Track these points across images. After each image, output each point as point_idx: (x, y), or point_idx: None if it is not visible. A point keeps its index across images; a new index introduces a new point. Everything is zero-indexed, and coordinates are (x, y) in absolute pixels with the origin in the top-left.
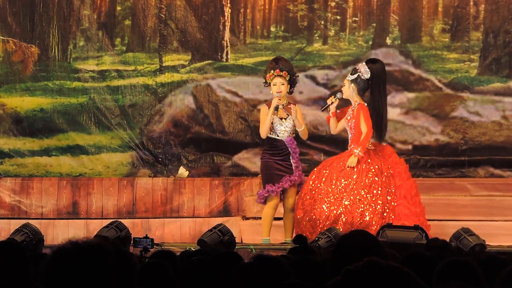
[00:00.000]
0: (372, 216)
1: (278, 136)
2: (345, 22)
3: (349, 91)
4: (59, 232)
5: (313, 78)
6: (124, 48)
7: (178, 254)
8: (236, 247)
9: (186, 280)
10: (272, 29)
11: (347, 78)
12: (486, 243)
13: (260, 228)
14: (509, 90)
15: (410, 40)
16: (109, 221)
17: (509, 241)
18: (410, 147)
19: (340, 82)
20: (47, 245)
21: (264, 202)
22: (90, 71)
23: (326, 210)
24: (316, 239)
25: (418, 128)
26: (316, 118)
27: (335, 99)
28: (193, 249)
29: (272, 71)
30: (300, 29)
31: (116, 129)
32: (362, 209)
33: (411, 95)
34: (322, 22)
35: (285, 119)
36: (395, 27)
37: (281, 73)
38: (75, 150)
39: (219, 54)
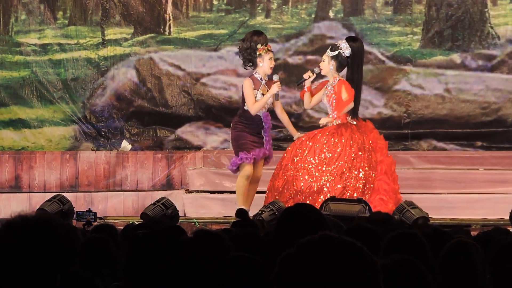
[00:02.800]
0: (353, 189)
1: None
2: None
3: (328, 67)
4: (1, 206)
5: None
6: (66, 21)
7: (122, 227)
8: (180, 220)
9: (129, 253)
10: (215, 2)
11: (326, 54)
12: (429, 216)
13: (203, 202)
14: (452, 63)
15: (353, 13)
16: (52, 194)
17: (452, 214)
18: None
19: (282, 55)
20: None
21: (236, 171)
22: (32, 44)
23: (309, 181)
24: (260, 212)
25: (361, 101)
26: None
27: (313, 74)
28: (136, 223)
29: (264, 45)
30: (242, 2)
31: (59, 102)
32: (344, 182)
33: None
34: None
35: (264, 94)
36: (338, 0)
37: (271, 49)
38: (17, 124)
39: (162, 27)
